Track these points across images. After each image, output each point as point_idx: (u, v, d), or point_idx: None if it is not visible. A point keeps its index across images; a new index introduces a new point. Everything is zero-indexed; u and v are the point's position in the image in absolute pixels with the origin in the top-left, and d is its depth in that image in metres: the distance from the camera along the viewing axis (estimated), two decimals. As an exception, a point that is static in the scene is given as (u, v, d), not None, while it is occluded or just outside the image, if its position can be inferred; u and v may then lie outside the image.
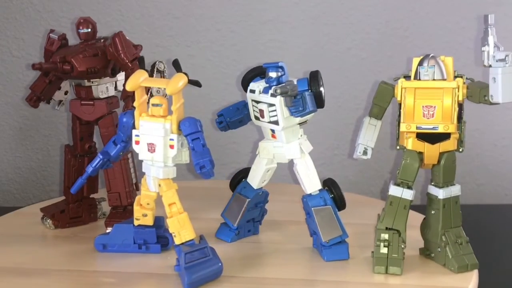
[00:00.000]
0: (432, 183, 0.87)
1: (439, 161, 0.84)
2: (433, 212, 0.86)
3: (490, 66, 0.79)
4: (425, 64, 0.82)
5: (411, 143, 0.84)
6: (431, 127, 0.82)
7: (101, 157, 0.89)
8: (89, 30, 1.00)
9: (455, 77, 0.84)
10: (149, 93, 0.99)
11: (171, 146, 0.81)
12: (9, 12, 1.43)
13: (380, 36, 1.44)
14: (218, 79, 1.45)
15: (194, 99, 1.45)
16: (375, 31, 1.44)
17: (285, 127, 0.85)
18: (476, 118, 1.50)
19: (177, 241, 0.80)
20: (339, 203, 0.89)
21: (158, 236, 0.91)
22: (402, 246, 0.84)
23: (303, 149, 0.88)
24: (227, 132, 0.99)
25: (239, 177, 0.97)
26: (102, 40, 1.02)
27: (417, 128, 0.82)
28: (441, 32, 1.45)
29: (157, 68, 1.02)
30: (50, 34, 1.03)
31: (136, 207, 0.89)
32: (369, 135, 0.90)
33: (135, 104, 0.83)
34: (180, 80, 0.81)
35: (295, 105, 0.82)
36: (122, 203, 1.01)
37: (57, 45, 1.01)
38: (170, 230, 0.81)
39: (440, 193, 0.85)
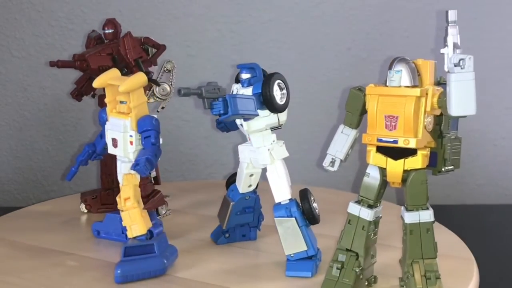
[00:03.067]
0: (405, 204, 0.75)
1: (406, 180, 0.72)
2: (404, 237, 0.75)
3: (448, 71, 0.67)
4: (392, 67, 0.72)
5: (371, 157, 0.73)
6: (392, 140, 0.71)
7: (87, 148, 0.93)
8: (112, 30, 1.04)
9: (439, 83, 0.74)
10: (150, 91, 1.00)
11: (131, 142, 0.82)
12: (9, 12, 1.43)
13: (380, 36, 1.44)
14: (218, 79, 1.44)
15: (195, 100, 1.45)
16: (375, 31, 1.44)
17: (251, 131, 0.83)
18: (476, 118, 1.50)
19: (128, 234, 0.82)
20: (307, 217, 0.83)
21: None
22: (356, 271, 0.74)
23: (274, 155, 0.84)
24: (229, 132, 0.99)
25: (233, 179, 0.94)
26: None
27: (377, 140, 0.72)
28: (441, 33, 1.45)
29: (165, 68, 1.04)
30: (89, 34, 1.08)
31: (117, 199, 0.91)
32: (339, 145, 0.79)
33: (106, 100, 0.85)
34: (134, 79, 0.82)
35: (215, 107, 0.77)
36: None
37: (93, 45, 1.07)
38: (123, 224, 0.82)
39: (406, 217, 0.73)
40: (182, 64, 1.43)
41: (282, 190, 0.84)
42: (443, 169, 0.74)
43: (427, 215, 0.72)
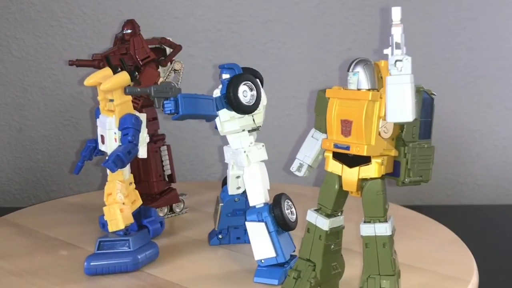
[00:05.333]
0: None
1: (362, 190, 0.68)
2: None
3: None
4: (350, 69, 0.68)
5: (328, 163, 0.69)
6: (345, 146, 0.67)
7: (88, 143, 0.95)
8: (131, 31, 1.05)
9: None
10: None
11: (115, 139, 0.84)
12: (9, 12, 1.43)
13: (381, 36, 1.44)
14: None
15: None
16: (375, 31, 1.44)
17: (225, 132, 0.82)
18: (477, 119, 1.50)
19: (109, 228, 0.83)
20: (279, 224, 0.80)
21: (141, 225, 0.95)
22: (311, 282, 0.70)
23: (250, 158, 0.82)
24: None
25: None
26: None
27: (334, 146, 0.68)
28: (442, 32, 1.45)
29: (173, 68, 1.04)
30: (117, 34, 1.09)
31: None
32: (307, 150, 0.75)
33: (98, 98, 0.87)
34: (116, 78, 0.83)
35: (166, 107, 0.76)
36: (150, 191, 1.07)
37: (117, 44, 1.08)
38: (104, 218, 0.84)
39: (362, 229, 0.68)
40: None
41: (256, 193, 0.82)
42: (406, 180, 0.67)
43: (382, 229, 0.67)
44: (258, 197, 0.82)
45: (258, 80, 0.84)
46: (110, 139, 0.84)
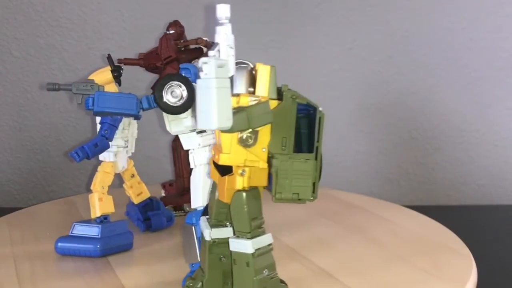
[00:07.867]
0: None
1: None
2: None
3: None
4: None
5: (211, 170, 0.66)
6: (214, 153, 0.63)
7: None
8: (173, 31, 1.08)
9: (280, 92, 0.65)
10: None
11: None
12: (9, 12, 1.43)
13: (381, 36, 1.44)
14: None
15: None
16: (375, 31, 1.44)
17: (174, 132, 0.82)
18: (477, 119, 1.50)
19: (91, 215, 0.90)
20: None
21: (147, 218, 0.98)
22: None
23: (195, 160, 0.81)
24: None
25: None
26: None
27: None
28: (442, 32, 1.45)
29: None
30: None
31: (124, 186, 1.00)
32: None
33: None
34: (99, 75, 0.90)
35: (86, 103, 0.85)
36: (183, 186, 1.10)
37: None
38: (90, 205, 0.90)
39: (230, 243, 0.63)
40: (182, 64, 1.43)
41: (196, 196, 0.80)
42: (277, 196, 0.61)
43: (243, 246, 0.61)
44: (197, 200, 0.80)
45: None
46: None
